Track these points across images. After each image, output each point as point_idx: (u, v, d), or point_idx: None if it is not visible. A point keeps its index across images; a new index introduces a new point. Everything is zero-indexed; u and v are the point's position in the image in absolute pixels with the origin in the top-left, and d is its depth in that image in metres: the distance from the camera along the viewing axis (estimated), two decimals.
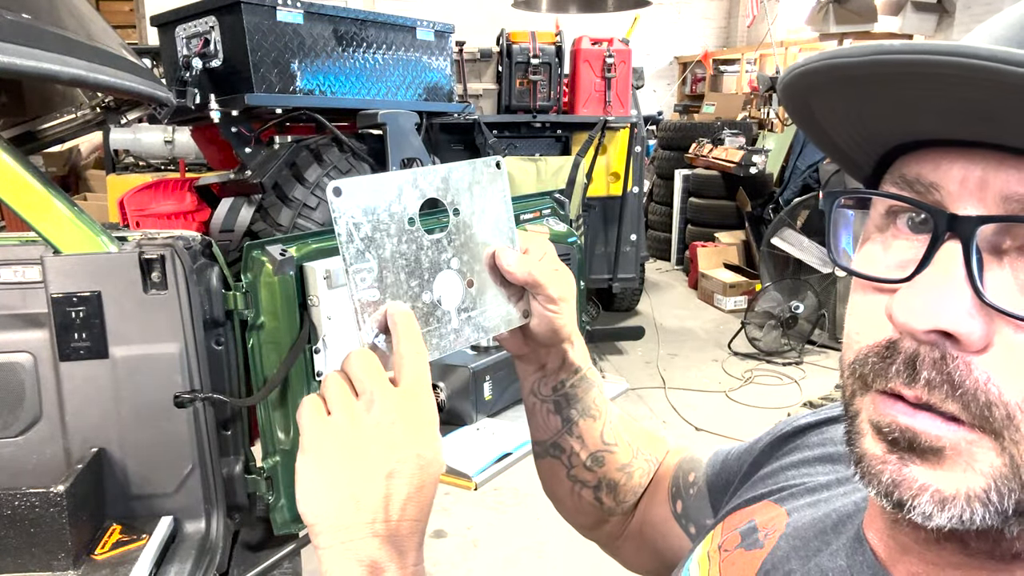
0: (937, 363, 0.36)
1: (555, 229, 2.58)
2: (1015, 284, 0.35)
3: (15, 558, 1.42)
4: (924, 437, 0.37)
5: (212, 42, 3.05)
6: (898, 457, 0.38)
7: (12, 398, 1.56)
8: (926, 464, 0.37)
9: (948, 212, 0.36)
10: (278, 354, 1.61)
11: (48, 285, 1.51)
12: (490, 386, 1.75)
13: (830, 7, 6.97)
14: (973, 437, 0.36)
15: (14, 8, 1.40)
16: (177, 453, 1.59)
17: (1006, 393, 0.35)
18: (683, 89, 9.92)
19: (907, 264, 0.37)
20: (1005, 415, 0.35)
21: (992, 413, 0.35)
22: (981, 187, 0.35)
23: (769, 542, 0.55)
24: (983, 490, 0.36)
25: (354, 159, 3.23)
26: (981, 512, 0.36)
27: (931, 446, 0.36)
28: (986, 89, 0.32)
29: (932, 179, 0.37)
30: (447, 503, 3.19)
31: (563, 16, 5.53)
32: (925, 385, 0.36)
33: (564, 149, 4.95)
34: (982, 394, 0.35)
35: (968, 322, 0.35)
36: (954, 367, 0.35)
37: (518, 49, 4.64)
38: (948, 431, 0.36)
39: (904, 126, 0.38)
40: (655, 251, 7.78)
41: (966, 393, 0.35)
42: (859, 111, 0.39)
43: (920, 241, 0.38)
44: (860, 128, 0.41)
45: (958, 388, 0.35)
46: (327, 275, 1.65)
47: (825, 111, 0.41)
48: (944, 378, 0.36)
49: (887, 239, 0.40)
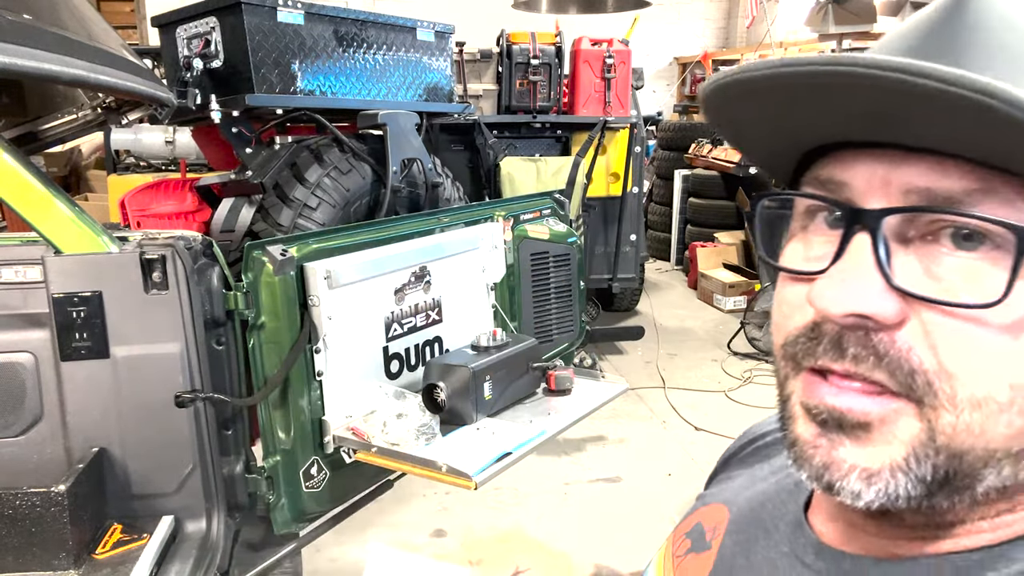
0: (861, 339, 0.39)
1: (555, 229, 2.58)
2: (920, 268, 0.39)
3: (16, 557, 1.43)
4: (851, 414, 0.39)
5: (213, 43, 3.05)
6: (828, 440, 0.41)
7: (13, 398, 1.56)
8: (855, 442, 0.40)
9: (856, 207, 0.40)
10: (278, 354, 1.61)
11: (49, 285, 1.51)
12: (490, 386, 1.75)
13: (829, 8, 6.97)
14: (898, 405, 0.39)
15: (15, 9, 1.40)
16: (178, 453, 1.59)
17: (926, 362, 0.38)
18: (683, 89, 9.92)
19: (825, 256, 0.41)
20: (926, 382, 0.38)
21: (916, 380, 0.38)
22: (885, 183, 0.39)
23: (716, 542, 0.58)
24: (903, 459, 0.39)
25: (354, 159, 3.23)
26: (904, 482, 0.39)
27: (859, 422, 0.39)
28: (876, 95, 0.35)
29: (842, 178, 0.41)
30: (447, 503, 3.19)
31: (563, 17, 5.53)
32: (852, 359, 0.39)
33: (564, 149, 4.95)
34: (905, 362, 0.38)
35: (880, 304, 0.38)
36: (878, 340, 0.39)
37: (518, 50, 4.64)
38: (874, 405, 0.39)
39: (814, 132, 0.42)
40: (655, 251, 7.78)
41: (892, 361, 0.38)
42: (772, 121, 0.42)
43: (836, 235, 0.41)
44: (776, 136, 0.44)
45: (884, 357, 0.38)
46: (327, 275, 1.65)
47: (744, 123, 0.44)
48: (869, 351, 0.39)
49: (808, 237, 0.44)
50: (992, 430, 0.38)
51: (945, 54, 0.37)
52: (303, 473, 1.67)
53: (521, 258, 2.30)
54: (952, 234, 0.38)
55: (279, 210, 3.03)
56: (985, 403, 0.37)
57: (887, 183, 0.39)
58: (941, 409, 0.38)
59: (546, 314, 2.52)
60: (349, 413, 1.72)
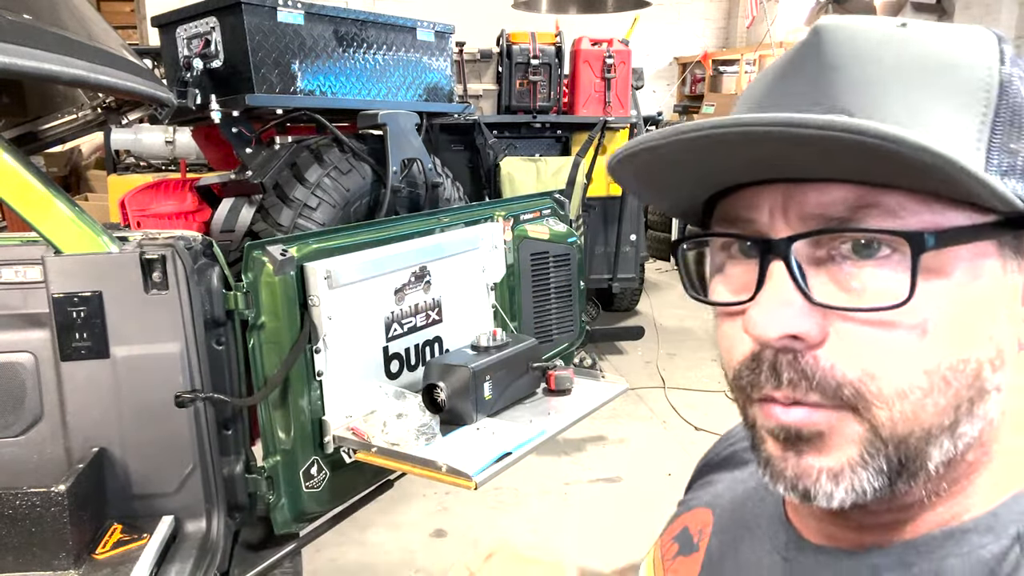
0: (792, 363, 0.43)
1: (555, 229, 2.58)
2: (833, 284, 0.43)
3: (16, 557, 1.43)
4: (805, 427, 0.44)
5: (213, 43, 3.05)
6: (795, 452, 0.45)
7: (13, 398, 1.56)
8: (816, 452, 0.44)
9: (767, 238, 0.44)
10: (278, 354, 1.61)
11: (49, 285, 1.51)
12: (490, 386, 1.76)
13: (829, 8, 6.98)
14: (839, 414, 0.43)
15: (15, 9, 1.40)
16: (178, 453, 1.59)
17: (849, 373, 0.42)
18: (683, 90, 9.92)
19: (749, 286, 0.45)
20: (854, 391, 0.42)
21: (843, 392, 0.42)
22: (784, 213, 0.44)
23: (703, 543, 0.61)
24: (859, 456, 0.43)
25: (354, 159, 3.23)
26: (865, 476, 0.43)
27: (813, 432, 0.44)
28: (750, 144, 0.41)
29: (747, 215, 0.46)
30: (447, 503, 3.19)
31: (563, 17, 5.53)
32: (789, 384, 0.43)
33: (564, 149, 4.95)
34: (831, 379, 0.42)
35: (806, 322, 0.42)
36: (805, 363, 0.43)
37: (518, 50, 4.64)
38: (819, 416, 0.43)
39: (716, 179, 0.47)
40: (655, 251, 7.78)
41: (819, 382, 0.43)
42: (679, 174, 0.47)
43: (753, 264, 0.45)
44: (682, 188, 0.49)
45: (812, 379, 0.43)
46: (327, 275, 1.65)
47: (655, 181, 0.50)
48: (800, 375, 0.43)
49: (727, 270, 0.48)
50: (923, 413, 0.42)
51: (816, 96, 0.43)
52: (303, 473, 1.67)
53: (521, 258, 2.31)
54: (853, 248, 0.42)
55: (279, 210, 3.02)
56: (910, 392, 0.42)
57: (787, 212, 0.44)
58: (874, 408, 0.42)
59: (546, 314, 2.52)
60: (349, 413, 1.72)
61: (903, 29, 0.44)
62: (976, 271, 0.42)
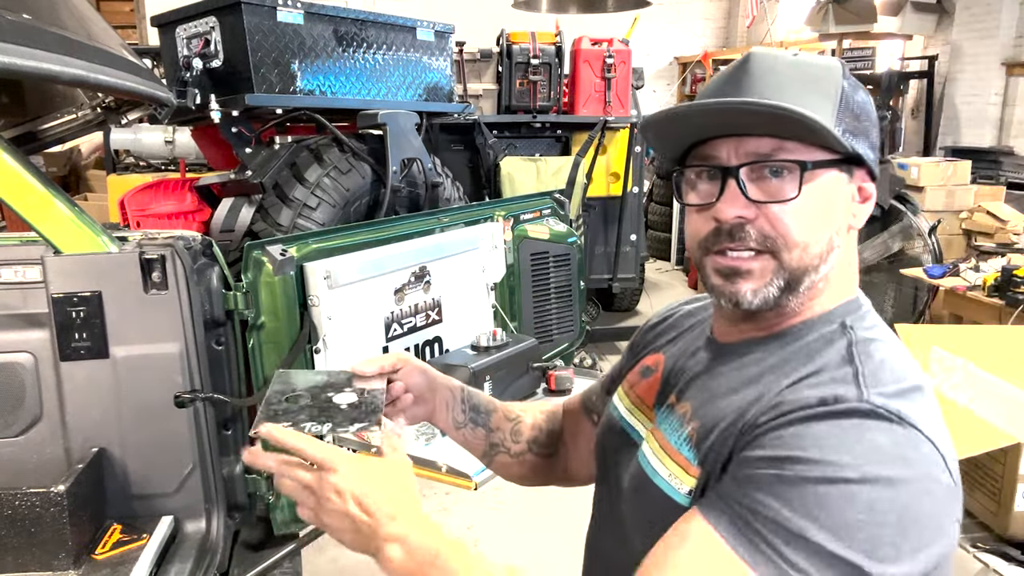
0: (738, 229, 0.76)
1: (555, 229, 2.58)
2: (760, 189, 0.76)
3: (15, 558, 1.42)
4: (741, 266, 0.77)
5: (212, 42, 3.05)
6: (731, 282, 0.77)
7: (13, 398, 1.56)
8: (744, 280, 0.77)
9: (725, 166, 0.77)
10: (278, 354, 1.61)
11: (49, 285, 1.51)
12: (490, 386, 1.75)
13: (829, 7, 6.97)
14: (764, 258, 0.76)
15: (15, 8, 1.40)
16: (177, 453, 1.59)
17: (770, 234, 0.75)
18: (683, 89, 9.92)
19: (712, 193, 0.78)
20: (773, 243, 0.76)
21: (767, 243, 0.76)
22: (736, 152, 0.76)
23: (660, 368, 0.93)
24: (771, 279, 0.76)
25: (354, 159, 3.23)
26: (770, 290, 0.76)
27: (745, 270, 0.77)
28: (721, 114, 0.75)
29: (712, 154, 0.78)
30: (447, 503, 3.19)
31: (563, 16, 5.52)
32: (740, 240, 0.76)
33: (564, 149, 4.95)
34: (763, 235, 0.76)
35: (747, 211, 0.76)
36: (749, 227, 0.76)
37: (518, 49, 4.64)
38: (753, 263, 0.76)
39: (695, 135, 0.80)
40: (655, 251, 7.78)
41: (757, 235, 0.76)
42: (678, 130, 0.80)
43: (713, 184, 0.78)
44: (679, 140, 0.82)
45: (749, 237, 0.76)
46: (327, 275, 1.65)
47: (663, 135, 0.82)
48: (746, 234, 0.76)
49: (698, 187, 0.80)
50: (806, 256, 0.76)
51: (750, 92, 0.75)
52: None
53: (521, 258, 2.31)
54: (771, 172, 0.76)
55: (279, 210, 3.02)
56: (803, 245, 0.76)
57: (736, 152, 0.76)
58: (783, 252, 0.76)
59: (546, 314, 2.52)
60: None
61: (796, 57, 0.78)
62: (831, 183, 0.77)
